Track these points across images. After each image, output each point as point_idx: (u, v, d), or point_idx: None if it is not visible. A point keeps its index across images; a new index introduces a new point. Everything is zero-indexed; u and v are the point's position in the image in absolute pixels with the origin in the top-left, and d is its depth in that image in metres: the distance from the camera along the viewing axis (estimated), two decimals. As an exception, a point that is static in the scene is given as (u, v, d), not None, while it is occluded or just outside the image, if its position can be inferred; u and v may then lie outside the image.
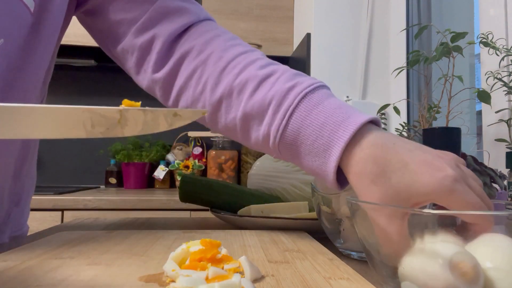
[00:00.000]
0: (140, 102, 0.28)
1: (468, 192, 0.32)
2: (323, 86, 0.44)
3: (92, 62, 1.98)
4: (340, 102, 0.42)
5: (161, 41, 0.52)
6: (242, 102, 0.45)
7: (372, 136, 0.37)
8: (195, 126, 2.17)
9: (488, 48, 0.87)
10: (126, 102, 0.28)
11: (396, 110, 1.03)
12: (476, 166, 0.76)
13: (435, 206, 0.35)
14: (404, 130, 0.99)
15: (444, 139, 0.53)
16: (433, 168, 0.33)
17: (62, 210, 1.48)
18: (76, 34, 1.26)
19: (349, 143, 0.37)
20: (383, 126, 1.03)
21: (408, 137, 0.99)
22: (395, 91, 1.59)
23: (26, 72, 0.51)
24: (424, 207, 0.40)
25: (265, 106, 0.43)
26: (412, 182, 0.33)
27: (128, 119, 0.27)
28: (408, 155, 0.35)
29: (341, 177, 0.40)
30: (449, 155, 0.35)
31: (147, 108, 0.27)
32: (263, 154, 0.81)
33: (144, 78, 0.55)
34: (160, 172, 2.01)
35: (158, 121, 0.27)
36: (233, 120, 0.47)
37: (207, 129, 2.14)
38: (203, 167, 2.02)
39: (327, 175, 0.39)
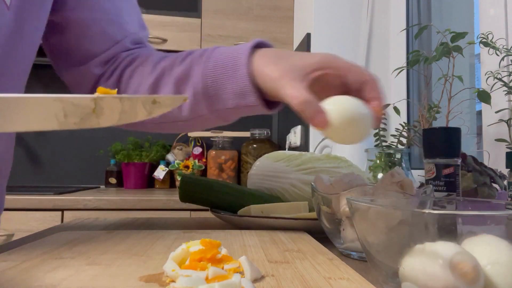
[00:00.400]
0: (116, 90, 0.27)
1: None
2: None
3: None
4: (235, 47, 0.51)
5: (116, 74, 0.61)
6: (172, 74, 0.54)
7: (268, 48, 0.50)
8: (195, 126, 2.17)
9: (488, 48, 0.87)
10: (100, 89, 0.26)
11: (396, 110, 1.03)
12: (476, 166, 0.76)
13: (435, 206, 0.35)
14: (404, 130, 0.99)
15: (444, 139, 0.53)
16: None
17: (62, 210, 1.48)
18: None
19: (253, 54, 0.49)
20: (383, 126, 1.03)
21: (408, 137, 0.99)
22: (395, 91, 1.59)
23: (7, 74, 0.51)
24: (424, 207, 0.41)
25: (188, 68, 0.53)
26: (304, 58, 0.46)
27: (103, 108, 0.25)
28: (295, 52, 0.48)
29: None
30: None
31: (123, 95, 0.25)
32: (263, 154, 0.81)
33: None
34: (160, 172, 2.01)
35: (136, 109, 0.26)
36: (168, 88, 0.54)
37: (207, 129, 2.14)
38: (203, 167, 2.02)
39: (247, 93, 0.49)
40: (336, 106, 0.42)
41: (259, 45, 0.51)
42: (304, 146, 1.64)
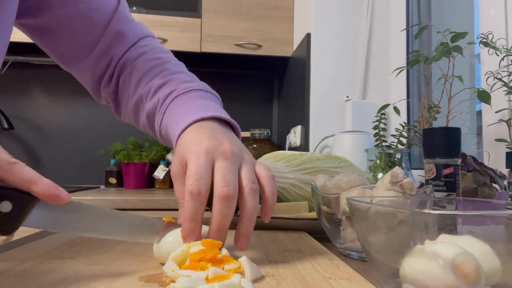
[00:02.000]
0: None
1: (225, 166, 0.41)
2: (195, 90, 0.56)
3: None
4: (196, 103, 0.53)
5: (114, 63, 0.64)
6: (145, 107, 0.58)
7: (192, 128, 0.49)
8: (195, 126, 2.17)
9: (488, 48, 0.87)
10: (168, 218, 0.33)
11: (396, 110, 1.03)
12: (476, 166, 0.76)
13: (435, 206, 0.35)
14: (404, 130, 0.99)
15: (444, 139, 0.53)
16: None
17: (62, 210, 1.48)
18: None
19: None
20: (383, 126, 1.03)
21: (408, 137, 0.99)
22: (395, 91, 1.59)
23: None
24: (424, 207, 0.41)
25: (155, 109, 0.57)
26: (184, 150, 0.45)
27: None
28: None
29: None
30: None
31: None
32: (263, 154, 0.81)
33: (99, 97, 0.68)
34: (160, 172, 2.01)
35: None
36: (144, 121, 0.60)
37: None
38: (203, 167, 2.02)
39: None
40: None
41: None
42: (304, 146, 1.64)
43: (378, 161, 0.93)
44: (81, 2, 0.60)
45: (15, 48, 1.85)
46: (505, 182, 0.76)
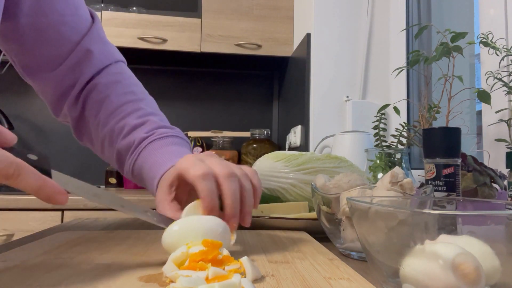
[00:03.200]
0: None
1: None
2: (171, 136, 0.59)
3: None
4: (173, 149, 0.57)
5: (81, 83, 0.63)
6: (117, 142, 0.60)
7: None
8: (195, 126, 2.18)
9: (488, 48, 0.87)
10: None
11: (396, 110, 1.03)
12: (476, 166, 0.76)
13: (435, 206, 0.35)
14: (404, 130, 0.99)
15: (444, 139, 0.53)
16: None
17: (62, 210, 1.48)
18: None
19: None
20: (383, 126, 1.03)
21: (408, 137, 0.99)
22: (395, 91, 1.59)
23: None
24: (424, 207, 0.41)
25: (129, 148, 0.59)
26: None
27: None
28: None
29: None
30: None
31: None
32: (263, 154, 0.81)
33: (58, 112, 0.67)
34: (160, 172, 2.01)
35: None
36: (111, 154, 0.62)
37: (207, 129, 2.14)
38: (203, 167, 2.02)
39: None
40: (187, 225, 0.40)
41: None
42: (304, 146, 1.64)
43: (378, 161, 0.93)
44: (53, 14, 0.59)
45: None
46: (505, 182, 0.76)
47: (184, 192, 0.49)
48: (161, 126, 0.60)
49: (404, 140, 1.01)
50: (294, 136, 1.75)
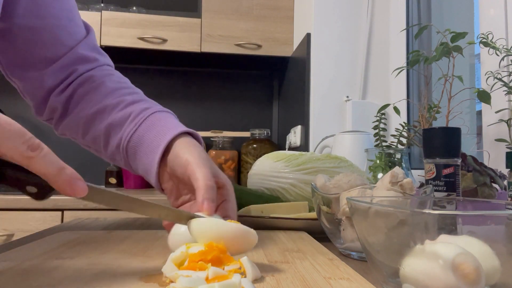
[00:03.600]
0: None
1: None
2: (169, 113, 0.58)
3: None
4: (174, 122, 0.56)
5: (73, 77, 0.61)
6: (109, 117, 0.57)
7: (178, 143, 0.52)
8: (195, 126, 2.18)
9: (488, 48, 0.87)
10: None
11: (396, 110, 1.03)
12: (476, 166, 0.76)
13: (435, 206, 0.35)
14: (404, 130, 0.99)
15: (444, 139, 0.53)
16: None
17: (62, 210, 1.48)
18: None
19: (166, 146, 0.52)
20: (383, 126, 1.03)
21: (408, 137, 0.99)
22: (395, 91, 1.59)
23: None
24: (424, 207, 0.41)
25: (124, 119, 0.56)
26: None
27: None
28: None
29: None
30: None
31: None
32: (263, 154, 0.81)
33: (43, 109, 0.64)
34: (160, 172, 2.01)
35: None
36: (99, 131, 0.58)
37: (207, 129, 2.14)
38: (203, 167, 2.02)
39: (152, 172, 0.53)
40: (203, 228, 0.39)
41: (186, 133, 0.55)
42: (304, 146, 1.64)
43: (378, 161, 0.93)
44: (49, 18, 0.59)
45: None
46: (505, 182, 0.76)
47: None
48: (158, 104, 0.60)
49: (404, 140, 1.01)
50: (294, 136, 1.75)
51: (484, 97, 0.83)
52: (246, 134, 2.08)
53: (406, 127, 0.99)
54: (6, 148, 0.30)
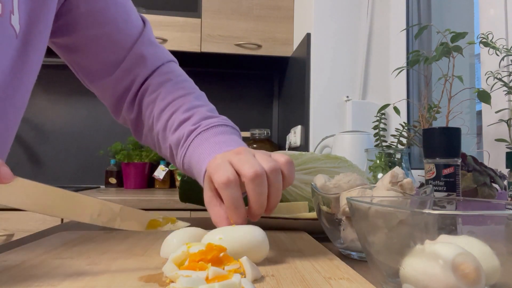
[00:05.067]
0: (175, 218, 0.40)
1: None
2: (218, 126, 0.58)
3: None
4: (220, 139, 0.56)
5: (136, 85, 0.65)
6: (169, 137, 0.61)
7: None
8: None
9: (488, 48, 0.87)
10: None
11: (396, 110, 1.03)
12: (476, 166, 0.76)
13: (435, 206, 0.35)
14: (404, 130, 0.99)
15: (444, 139, 0.53)
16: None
17: (62, 210, 1.48)
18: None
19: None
20: (383, 126, 1.03)
21: (408, 137, 0.99)
22: (395, 91, 1.59)
23: (17, 93, 0.54)
24: (424, 207, 0.41)
25: (179, 142, 0.59)
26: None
27: (126, 215, 0.39)
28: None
29: None
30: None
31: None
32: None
33: (118, 115, 0.69)
34: (160, 172, 2.01)
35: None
36: (166, 149, 0.63)
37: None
38: (203, 167, 2.02)
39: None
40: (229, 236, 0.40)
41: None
42: (304, 146, 1.64)
43: (378, 161, 0.93)
44: (108, 24, 0.62)
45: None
46: (505, 182, 0.76)
47: None
48: (208, 116, 0.60)
49: (404, 140, 1.01)
50: (294, 136, 1.75)
51: (484, 97, 0.83)
52: (246, 134, 2.08)
53: (406, 127, 0.99)
54: None
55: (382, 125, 1.03)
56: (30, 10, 0.52)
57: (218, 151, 0.52)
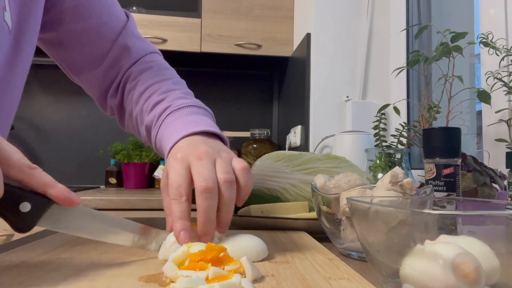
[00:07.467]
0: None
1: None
2: (188, 106, 0.59)
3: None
4: (189, 119, 0.56)
5: (121, 75, 0.67)
6: (144, 119, 0.61)
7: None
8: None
9: (488, 48, 0.87)
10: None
11: (396, 110, 1.03)
12: (476, 166, 0.76)
13: (435, 206, 0.35)
14: (404, 130, 0.99)
15: (444, 139, 0.53)
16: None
17: (62, 210, 1.48)
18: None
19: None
20: (383, 126, 1.03)
21: (408, 137, 0.99)
22: (395, 91, 1.59)
23: (11, 86, 0.55)
24: (424, 207, 0.41)
25: (151, 123, 0.60)
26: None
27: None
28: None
29: None
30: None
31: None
32: (263, 154, 0.81)
33: (105, 106, 0.71)
34: (160, 172, 2.01)
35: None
36: (143, 132, 0.63)
37: (207, 129, 2.14)
38: (203, 167, 2.02)
39: None
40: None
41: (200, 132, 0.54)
42: (304, 146, 1.64)
43: (378, 161, 0.93)
44: (92, 18, 0.63)
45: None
46: (505, 182, 0.76)
47: None
48: (180, 97, 0.60)
49: (404, 140, 1.01)
50: (294, 136, 1.75)
51: (484, 97, 0.83)
52: (246, 134, 2.08)
53: (406, 127, 0.99)
54: (10, 165, 0.34)
55: (382, 125, 1.03)
56: (20, 6, 0.53)
57: (184, 131, 0.52)
